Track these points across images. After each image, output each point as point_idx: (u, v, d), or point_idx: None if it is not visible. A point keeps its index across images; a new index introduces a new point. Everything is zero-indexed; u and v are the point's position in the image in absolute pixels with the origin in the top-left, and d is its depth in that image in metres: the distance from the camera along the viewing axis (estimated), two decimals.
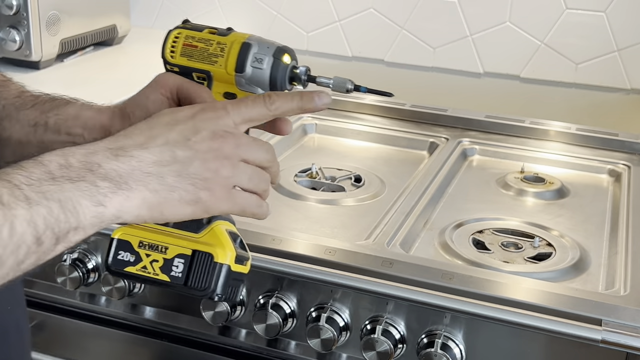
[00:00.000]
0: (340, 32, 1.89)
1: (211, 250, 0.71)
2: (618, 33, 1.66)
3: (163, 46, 0.79)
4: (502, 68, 1.77)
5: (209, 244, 0.71)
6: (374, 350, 0.97)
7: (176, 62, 0.79)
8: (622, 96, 1.70)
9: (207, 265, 0.71)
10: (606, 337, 0.88)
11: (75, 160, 0.61)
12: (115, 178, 0.61)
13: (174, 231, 0.72)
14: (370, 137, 1.53)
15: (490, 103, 1.74)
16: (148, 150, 0.64)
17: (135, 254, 0.72)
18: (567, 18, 1.69)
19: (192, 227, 0.72)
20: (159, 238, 0.72)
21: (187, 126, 0.67)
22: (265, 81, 0.77)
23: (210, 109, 0.70)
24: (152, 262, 0.71)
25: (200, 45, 0.78)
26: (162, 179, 0.64)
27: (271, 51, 0.78)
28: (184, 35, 0.79)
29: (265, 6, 1.95)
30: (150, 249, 0.72)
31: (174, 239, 0.72)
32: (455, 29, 1.78)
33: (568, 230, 1.18)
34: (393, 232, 1.09)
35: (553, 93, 1.74)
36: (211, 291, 0.70)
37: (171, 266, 0.71)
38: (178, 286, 0.71)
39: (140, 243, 0.72)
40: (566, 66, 1.71)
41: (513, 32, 1.73)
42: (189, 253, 0.71)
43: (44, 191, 0.57)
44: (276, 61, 0.77)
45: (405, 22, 1.81)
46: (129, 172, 0.62)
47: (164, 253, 0.71)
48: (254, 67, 0.77)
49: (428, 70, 1.83)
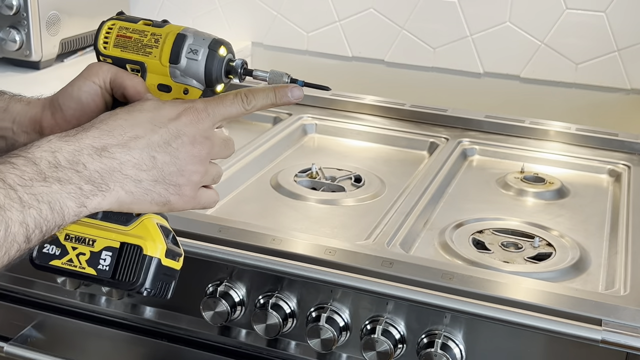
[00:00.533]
0: (340, 32, 1.89)
1: (140, 243, 0.70)
2: (618, 33, 1.66)
3: (96, 37, 0.79)
4: (502, 68, 1.77)
5: (138, 236, 0.70)
6: (374, 350, 0.97)
7: (109, 53, 0.78)
8: (622, 96, 1.70)
9: (136, 258, 0.69)
10: (606, 337, 0.88)
11: (63, 159, 0.64)
12: (97, 180, 0.65)
13: (101, 223, 0.71)
14: (370, 137, 1.53)
15: (490, 103, 1.74)
16: (130, 153, 0.67)
17: (62, 247, 0.70)
18: (567, 18, 1.69)
19: (121, 220, 0.71)
20: (86, 230, 0.70)
21: (169, 130, 0.70)
22: (200, 73, 0.76)
23: (193, 111, 0.72)
24: (79, 255, 0.70)
25: (134, 37, 0.77)
26: (139, 182, 0.68)
27: (207, 43, 0.76)
28: (118, 27, 0.78)
29: (265, 6, 1.95)
30: (77, 242, 0.70)
31: (102, 231, 0.70)
32: (455, 29, 1.78)
33: (568, 230, 1.18)
34: (393, 232, 1.09)
35: (553, 93, 1.74)
36: (139, 285, 0.69)
37: (98, 259, 0.70)
38: (105, 280, 0.70)
39: (66, 236, 0.71)
40: (566, 66, 1.71)
41: (513, 32, 1.73)
42: (116, 245, 0.70)
43: (35, 193, 0.61)
44: (212, 53, 0.76)
45: (405, 22, 1.82)
46: (110, 174, 0.66)
47: (91, 246, 0.70)
48: (189, 58, 0.76)
49: (428, 70, 1.83)
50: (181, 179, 0.70)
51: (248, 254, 1.02)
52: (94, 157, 0.65)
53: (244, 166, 1.32)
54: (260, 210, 1.21)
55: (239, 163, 1.32)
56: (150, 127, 0.69)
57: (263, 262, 1.01)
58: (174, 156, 0.69)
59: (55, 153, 0.64)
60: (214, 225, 1.07)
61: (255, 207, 1.22)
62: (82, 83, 0.78)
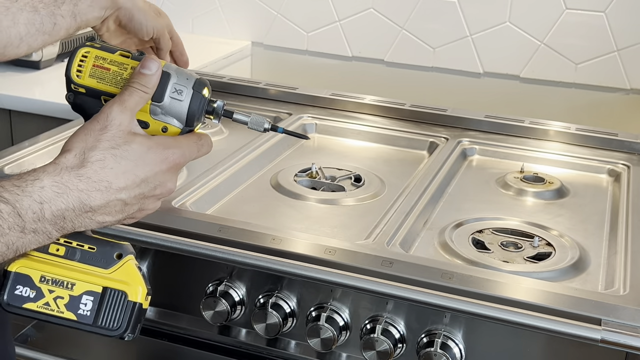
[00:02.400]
0: (340, 32, 1.89)
1: (124, 288, 0.68)
2: (618, 33, 1.66)
3: (68, 64, 0.76)
4: (501, 68, 1.77)
5: (121, 281, 0.69)
6: (374, 350, 0.97)
7: (83, 83, 0.75)
8: (622, 96, 1.70)
9: (119, 303, 0.68)
10: (605, 337, 0.88)
11: (49, 213, 0.66)
12: (70, 230, 0.68)
13: (80, 266, 0.69)
14: (370, 137, 1.53)
15: (490, 103, 1.75)
16: (107, 205, 0.69)
17: (36, 290, 0.68)
18: (567, 18, 1.69)
19: (101, 262, 0.70)
20: (64, 273, 0.69)
21: (148, 185, 0.72)
22: (183, 113, 0.74)
23: (173, 169, 0.74)
24: (56, 298, 0.68)
25: (113, 69, 0.74)
26: (102, 224, 0.71)
27: (191, 83, 0.75)
28: (94, 55, 0.75)
29: (265, 6, 1.95)
30: (54, 285, 0.68)
31: (82, 274, 0.69)
32: (455, 29, 1.78)
33: (567, 230, 1.19)
34: (393, 232, 1.09)
35: (553, 93, 1.75)
36: (122, 331, 0.68)
37: (79, 303, 0.68)
38: (86, 325, 0.68)
39: (42, 278, 0.68)
40: (566, 66, 1.72)
41: (513, 32, 1.73)
42: (99, 290, 0.68)
43: (7, 241, 0.64)
44: (196, 94, 0.75)
45: (405, 22, 1.82)
46: (81, 222, 0.69)
47: (70, 289, 0.68)
48: (173, 97, 0.74)
49: (428, 70, 1.84)
50: (142, 214, 0.75)
51: (248, 253, 1.02)
52: (77, 214, 0.68)
53: (244, 166, 1.32)
54: (260, 210, 1.21)
55: (239, 163, 1.32)
56: (132, 180, 0.71)
57: (263, 262, 1.01)
58: (145, 203, 0.73)
59: (43, 205, 0.66)
60: (214, 225, 1.08)
61: (255, 206, 1.22)
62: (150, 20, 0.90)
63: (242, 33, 2.01)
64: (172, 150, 0.73)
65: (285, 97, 1.63)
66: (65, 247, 0.71)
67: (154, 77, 0.73)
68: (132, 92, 0.72)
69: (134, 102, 0.72)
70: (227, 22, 2.02)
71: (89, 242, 0.72)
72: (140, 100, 0.73)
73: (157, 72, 0.73)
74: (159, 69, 0.74)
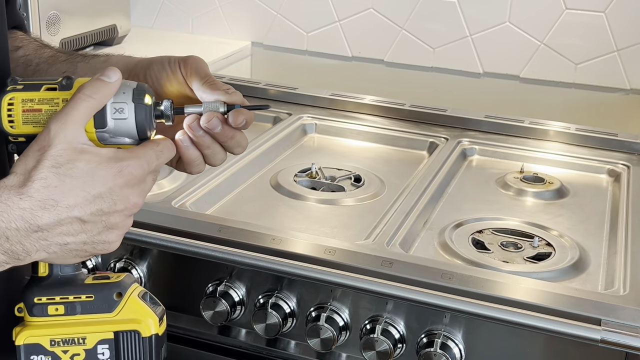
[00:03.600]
0: (340, 32, 1.89)
1: (135, 327, 0.67)
2: (617, 33, 1.66)
3: None
4: (501, 68, 1.77)
5: (129, 319, 0.67)
6: (374, 350, 0.98)
7: (20, 132, 0.68)
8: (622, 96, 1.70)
9: (135, 343, 0.67)
10: (605, 337, 0.88)
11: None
12: (23, 253, 0.64)
13: (84, 318, 0.67)
14: (370, 137, 1.53)
15: (489, 103, 1.75)
16: (60, 223, 0.64)
17: (51, 354, 0.66)
18: (567, 18, 1.69)
19: (103, 308, 0.67)
20: (72, 330, 0.66)
21: (105, 201, 0.65)
22: (132, 129, 0.68)
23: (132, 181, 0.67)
24: (73, 356, 0.66)
25: (44, 108, 0.67)
26: (65, 246, 0.65)
27: (129, 96, 0.68)
28: (20, 100, 0.68)
29: (265, 6, 1.95)
30: (66, 344, 0.66)
31: (89, 325, 0.67)
32: (455, 29, 1.78)
33: (567, 230, 1.19)
34: (393, 232, 1.09)
35: (552, 93, 1.75)
36: None
37: (96, 355, 0.66)
38: None
39: (52, 341, 0.66)
40: (566, 66, 1.72)
41: (513, 32, 1.74)
42: (111, 336, 0.66)
43: None
44: (138, 105, 0.68)
45: (405, 22, 1.82)
46: (33, 244, 0.64)
47: (83, 344, 0.66)
48: (116, 118, 0.68)
49: (428, 70, 1.84)
50: (109, 239, 0.67)
51: (248, 253, 1.02)
52: (23, 234, 0.63)
53: (244, 166, 1.32)
54: (260, 210, 1.21)
55: (239, 163, 1.32)
56: (83, 196, 0.65)
57: (263, 262, 1.02)
58: (106, 222, 0.66)
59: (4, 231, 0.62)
60: (214, 225, 1.08)
61: (255, 207, 1.22)
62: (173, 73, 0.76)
63: (242, 33, 2.01)
64: (126, 163, 0.66)
65: (285, 97, 1.63)
66: (63, 304, 0.68)
67: (109, 87, 0.67)
68: (75, 104, 0.66)
69: (79, 115, 0.66)
70: (227, 22, 2.02)
71: (85, 292, 0.69)
72: (87, 110, 0.66)
73: (115, 82, 0.67)
74: (118, 80, 0.68)
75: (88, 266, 1.12)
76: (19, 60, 0.85)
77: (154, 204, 1.14)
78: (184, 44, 1.97)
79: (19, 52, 0.86)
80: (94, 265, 1.13)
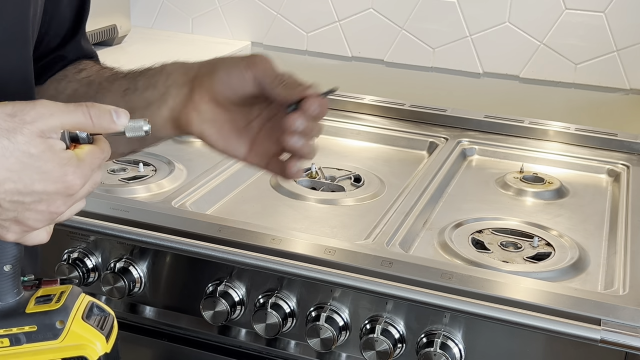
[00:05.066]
0: (340, 32, 1.89)
1: (81, 353, 0.65)
2: (617, 33, 1.66)
3: None
4: (501, 68, 1.77)
5: (75, 345, 0.65)
6: (374, 350, 0.98)
7: None
8: (621, 96, 1.70)
9: None
10: (605, 337, 0.88)
11: None
12: None
13: (30, 347, 0.65)
14: (370, 137, 1.53)
15: (489, 103, 1.75)
16: None
17: None
18: (567, 18, 1.69)
19: (48, 335, 0.65)
20: None
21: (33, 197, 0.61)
22: None
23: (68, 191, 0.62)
24: None
25: None
26: None
27: None
28: None
29: (265, 6, 1.95)
30: None
31: (37, 355, 0.65)
32: (455, 29, 1.78)
33: (567, 230, 1.19)
34: (392, 232, 1.09)
35: (552, 93, 1.75)
36: None
37: None
38: None
39: None
40: (565, 66, 1.72)
41: (513, 32, 1.74)
42: None
43: None
44: None
45: (405, 22, 1.82)
46: None
47: None
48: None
49: (428, 70, 1.84)
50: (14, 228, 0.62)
51: (248, 253, 1.02)
52: None
53: (244, 166, 1.32)
54: (260, 210, 1.21)
55: (239, 163, 1.32)
56: (14, 182, 0.59)
57: (263, 262, 1.02)
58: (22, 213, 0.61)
59: None
60: (214, 225, 1.08)
61: (255, 207, 1.22)
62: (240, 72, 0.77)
63: (241, 33, 2.01)
64: (72, 169, 0.61)
65: None
66: (7, 337, 0.66)
67: (112, 124, 0.63)
68: (77, 109, 0.62)
69: (72, 119, 0.61)
70: (226, 23, 2.02)
71: (27, 323, 0.66)
72: (78, 124, 0.62)
73: (118, 123, 0.63)
74: (124, 123, 0.64)
75: (88, 266, 1.12)
76: (82, 81, 0.87)
77: (154, 204, 1.15)
78: (184, 44, 1.97)
79: (82, 74, 0.88)
80: (93, 266, 1.13)
